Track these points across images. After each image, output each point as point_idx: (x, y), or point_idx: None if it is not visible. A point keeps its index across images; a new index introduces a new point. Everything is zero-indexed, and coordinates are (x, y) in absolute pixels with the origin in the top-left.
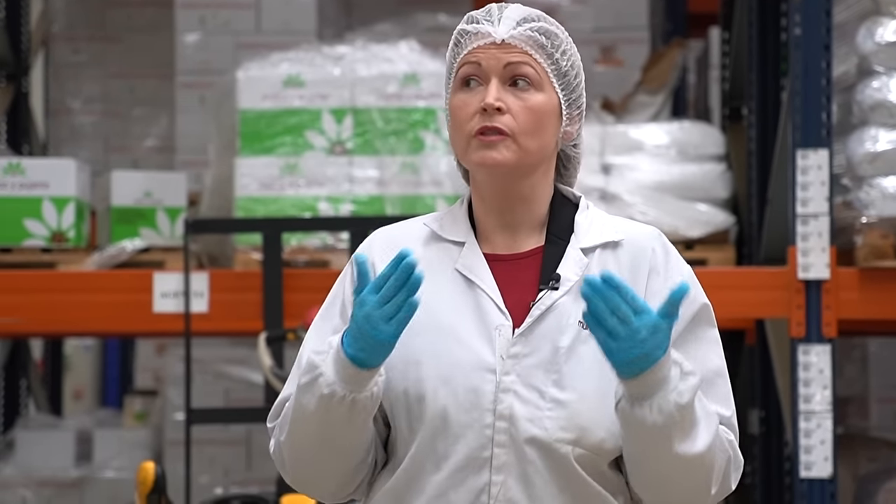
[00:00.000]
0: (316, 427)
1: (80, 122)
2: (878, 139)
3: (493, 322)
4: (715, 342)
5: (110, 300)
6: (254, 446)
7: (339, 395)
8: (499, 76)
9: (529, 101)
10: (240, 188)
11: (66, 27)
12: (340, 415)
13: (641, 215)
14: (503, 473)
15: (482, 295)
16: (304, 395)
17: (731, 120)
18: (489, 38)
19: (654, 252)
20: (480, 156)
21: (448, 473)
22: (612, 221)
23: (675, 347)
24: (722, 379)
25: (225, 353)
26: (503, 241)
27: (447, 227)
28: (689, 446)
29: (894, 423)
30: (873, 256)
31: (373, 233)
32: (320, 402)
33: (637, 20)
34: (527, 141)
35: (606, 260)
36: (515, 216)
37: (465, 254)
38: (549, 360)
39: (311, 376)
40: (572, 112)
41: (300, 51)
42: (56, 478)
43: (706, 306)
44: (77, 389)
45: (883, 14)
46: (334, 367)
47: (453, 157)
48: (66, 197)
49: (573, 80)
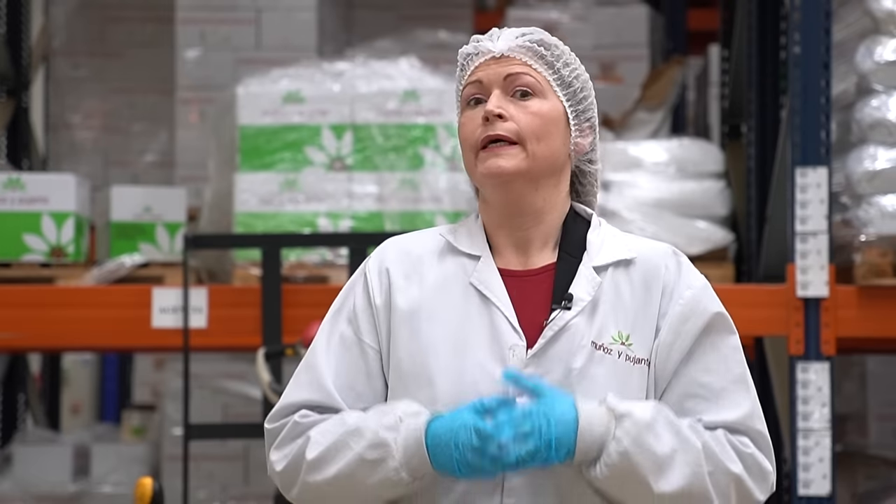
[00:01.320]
0: (365, 493)
1: (80, 137)
2: (877, 157)
3: (508, 342)
4: (733, 349)
5: (109, 315)
6: (252, 461)
7: (406, 482)
8: (500, 88)
9: (532, 108)
10: (239, 204)
11: (67, 42)
12: (396, 491)
13: (640, 232)
14: (514, 496)
15: (496, 312)
16: (364, 468)
17: (730, 137)
18: (489, 55)
19: (667, 269)
20: (487, 166)
21: (459, 496)
22: (624, 239)
23: (689, 362)
24: (743, 384)
25: (223, 369)
26: (515, 258)
27: (462, 239)
28: (664, 484)
29: (893, 440)
30: (872, 274)
31: (386, 241)
32: (384, 483)
33: (637, 37)
34: (534, 146)
35: (619, 279)
36: (527, 231)
37: (481, 268)
38: (562, 382)
39: (379, 455)
40: (581, 123)
41: (300, 67)
42: (54, 493)
43: (720, 315)
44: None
45: (882, 33)
46: (406, 454)
47: (454, 173)
48: (65, 212)
49: (578, 91)
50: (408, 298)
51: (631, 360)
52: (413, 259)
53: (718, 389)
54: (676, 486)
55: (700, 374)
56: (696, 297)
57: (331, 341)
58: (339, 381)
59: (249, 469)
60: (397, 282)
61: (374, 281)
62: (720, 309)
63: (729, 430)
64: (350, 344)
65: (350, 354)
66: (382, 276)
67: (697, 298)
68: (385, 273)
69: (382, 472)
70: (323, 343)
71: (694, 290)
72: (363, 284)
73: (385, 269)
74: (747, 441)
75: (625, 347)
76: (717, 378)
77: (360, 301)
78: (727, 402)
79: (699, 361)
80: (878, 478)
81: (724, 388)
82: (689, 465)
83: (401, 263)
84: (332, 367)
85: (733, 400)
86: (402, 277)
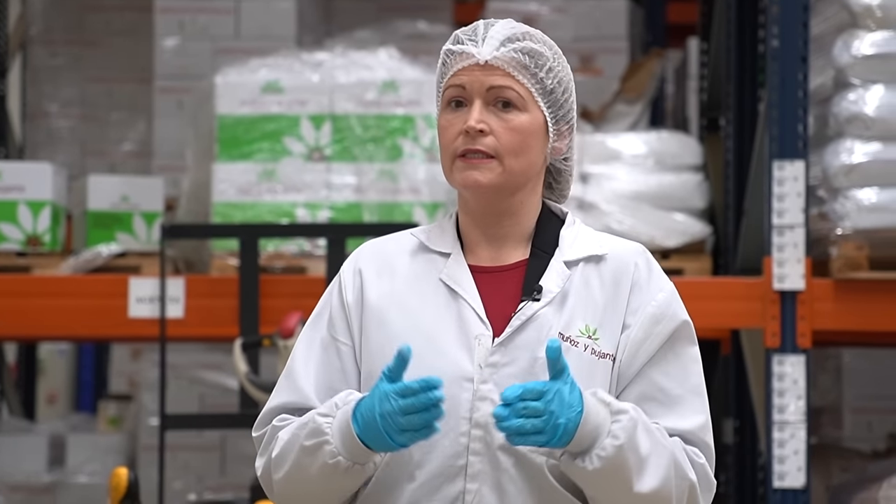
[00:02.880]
0: (315, 485)
1: (57, 125)
2: (854, 151)
3: (474, 331)
4: (693, 360)
5: (85, 305)
6: (228, 452)
7: (344, 466)
8: (482, 98)
9: (513, 123)
10: (217, 194)
11: (44, 30)
12: (342, 479)
13: (618, 224)
14: (478, 482)
15: (464, 305)
16: (306, 457)
17: (708, 130)
18: (473, 60)
19: (636, 267)
20: (463, 177)
21: (422, 482)
22: (597, 237)
23: (652, 365)
24: (698, 397)
25: (200, 359)
26: (488, 254)
27: (434, 238)
28: (641, 483)
29: (867, 433)
30: (848, 268)
31: (361, 245)
32: (323, 469)
33: (616, 30)
34: (511, 162)
35: (589, 274)
36: (501, 230)
37: (451, 265)
38: (528, 371)
39: (315, 441)
40: (560, 128)
41: (279, 57)
42: (29, 483)
43: (686, 324)
44: (51, 394)
45: (860, 27)
46: (341, 437)
47: (433, 165)
48: (41, 201)
49: (560, 96)
50: (379, 293)
51: (596, 354)
52: (386, 258)
53: (675, 396)
54: (651, 487)
55: (660, 378)
56: (667, 301)
57: (310, 346)
58: (318, 380)
59: (226, 459)
60: (369, 279)
61: (348, 281)
62: (687, 317)
63: (683, 439)
64: (327, 344)
65: (327, 354)
66: (356, 275)
67: (669, 303)
68: (358, 273)
69: (321, 457)
70: (302, 349)
71: (666, 293)
72: (338, 286)
73: (358, 270)
74: (699, 452)
75: (591, 341)
76: (676, 385)
77: (335, 301)
78: (684, 410)
79: (660, 365)
80: (851, 470)
81: (682, 396)
82: (662, 467)
83: (374, 262)
84: (310, 369)
85: (689, 409)
86: (374, 275)
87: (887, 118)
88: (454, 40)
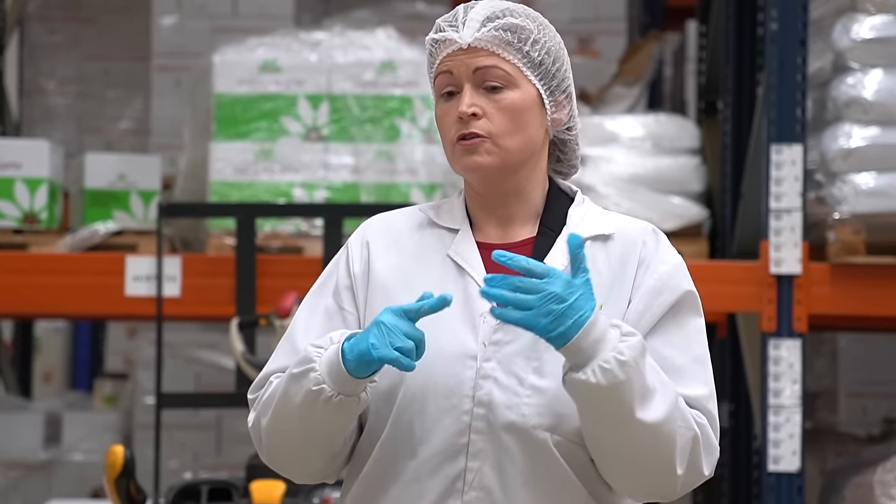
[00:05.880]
0: (298, 419)
1: (54, 103)
2: (852, 135)
3: (479, 309)
4: (697, 331)
5: (82, 283)
6: (224, 431)
7: (327, 394)
8: (471, 81)
9: (503, 102)
10: (214, 173)
11: (42, 7)
12: (324, 412)
13: (615, 207)
14: (479, 460)
15: (470, 282)
16: (291, 385)
17: (706, 113)
18: (455, 45)
19: (644, 245)
20: (464, 162)
21: (424, 459)
22: (605, 216)
23: (655, 333)
24: (702, 367)
25: (196, 338)
26: (496, 232)
27: (443, 214)
28: (645, 413)
29: (862, 418)
30: (845, 252)
31: (369, 219)
32: (307, 397)
33: (615, 12)
34: (507, 142)
35: (596, 252)
36: (508, 209)
37: (459, 241)
38: (530, 348)
39: (302, 368)
40: (557, 98)
41: (277, 36)
42: (24, 460)
43: (691, 294)
44: (47, 372)
45: (859, 10)
46: (328, 366)
47: (430, 146)
48: (38, 178)
49: (551, 66)
50: (386, 266)
51: None
52: (394, 232)
53: (679, 365)
54: (655, 418)
55: (662, 347)
56: (670, 272)
57: (312, 313)
58: None
59: (222, 438)
60: (377, 251)
61: (356, 252)
62: (692, 288)
63: (687, 403)
64: (332, 312)
65: (331, 322)
66: (364, 247)
67: (671, 274)
68: (366, 245)
69: (306, 384)
70: (304, 315)
71: (669, 265)
72: (345, 256)
73: (366, 242)
74: (702, 415)
75: None
76: (679, 354)
77: (341, 271)
78: (687, 379)
79: (663, 335)
80: (846, 454)
81: (685, 365)
82: (668, 404)
83: (382, 235)
84: (311, 335)
85: (692, 378)
86: (382, 247)
87: (886, 102)
88: (436, 29)
